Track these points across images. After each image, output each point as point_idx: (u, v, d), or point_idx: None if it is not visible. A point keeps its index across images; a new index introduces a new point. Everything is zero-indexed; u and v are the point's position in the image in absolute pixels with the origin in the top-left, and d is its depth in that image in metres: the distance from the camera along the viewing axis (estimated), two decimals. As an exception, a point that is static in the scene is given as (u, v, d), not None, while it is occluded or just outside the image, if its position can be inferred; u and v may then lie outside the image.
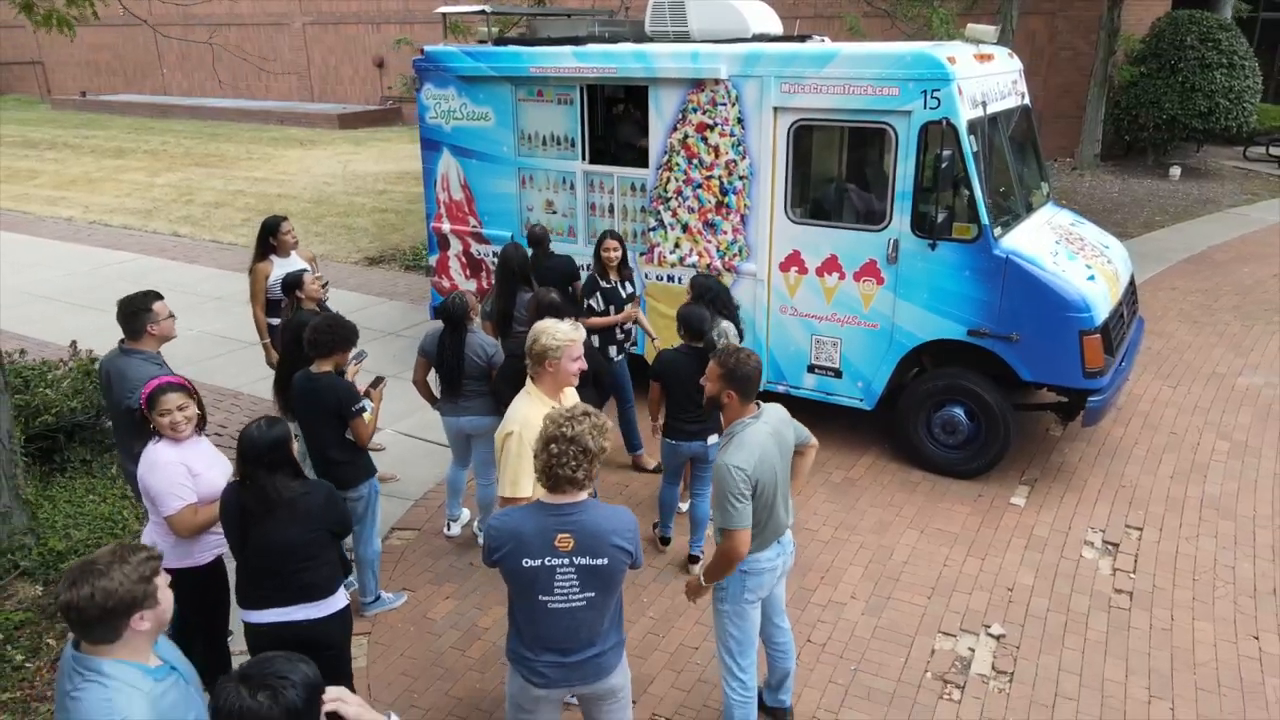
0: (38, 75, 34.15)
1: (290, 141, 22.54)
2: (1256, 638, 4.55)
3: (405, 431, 6.78)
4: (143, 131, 24.74)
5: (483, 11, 7.50)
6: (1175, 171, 16.64)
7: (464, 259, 7.79)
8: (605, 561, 2.80)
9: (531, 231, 6.45)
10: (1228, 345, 8.42)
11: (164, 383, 3.63)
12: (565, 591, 2.82)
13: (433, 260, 8.00)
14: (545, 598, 2.82)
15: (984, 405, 5.92)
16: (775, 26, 7.09)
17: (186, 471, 3.61)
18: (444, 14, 7.71)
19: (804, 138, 6.16)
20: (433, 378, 5.16)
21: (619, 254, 5.88)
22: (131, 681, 2.22)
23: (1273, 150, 18.12)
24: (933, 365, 6.24)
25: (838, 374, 6.36)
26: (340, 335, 4.38)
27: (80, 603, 2.15)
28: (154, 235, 13.62)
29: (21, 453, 5.03)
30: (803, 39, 6.81)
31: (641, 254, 6.87)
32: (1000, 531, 5.51)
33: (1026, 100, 6.90)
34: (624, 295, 5.92)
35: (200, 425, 3.77)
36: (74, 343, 6.91)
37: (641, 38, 7.22)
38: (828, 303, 6.25)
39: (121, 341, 4.26)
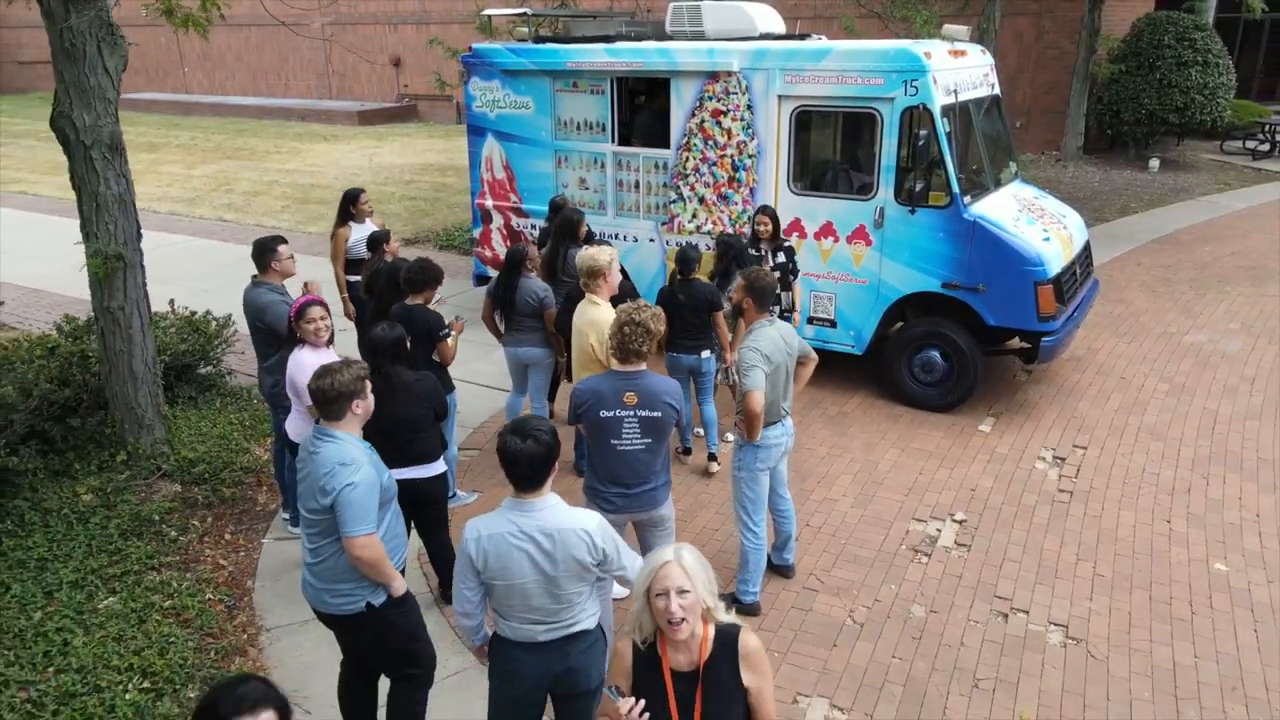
0: (62, 74, 35.13)
1: (314, 137, 23.60)
2: (1169, 522, 5.62)
3: (459, 377, 7.81)
4: (171, 128, 25.80)
5: (524, 13, 8.57)
6: (1154, 163, 17.67)
7: (505, 231, 8.86)
8: (660, 414, 3.88)
9: (552, 202, 7.50)
10: (1180, 310, 9.49)
11: (310, 300, 4.70)
12: (630, 437, 3.89)
13: (476, 233, 9.08)
14: (615, 441, 3.89)
15: (956, 348, 6.98)
16: (779, 26, 8.16)
17: None
18: (489, 15, 8.78)
19: (804, 121, 7.23)
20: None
21: (768, 228, 6.63)
22: (352, 441, 3.36)
23: (1248, 144, 19.18)
24: (913, 315, 7.30)
25: (833, 324, 7.42)
26: (431, 275, 5.45)
27: (325, 387, 3.29)
28: (201, 220, 14.69)
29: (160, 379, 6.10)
30: (802, 37, 7.89)
31: (663, 223, 7.95)
32: (968, 450, 6.57)
33: (996, 91, 7.97)
34: (770, 264, 6.58)
35: (330, 339, 4.84)
36: (172, 301, 7.96)
37: (662, 36, 8.29)
38: (824, 263, 7.31)
39: (254, 276, 5.34)
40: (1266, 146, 18.86)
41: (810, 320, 7.49)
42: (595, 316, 4.68)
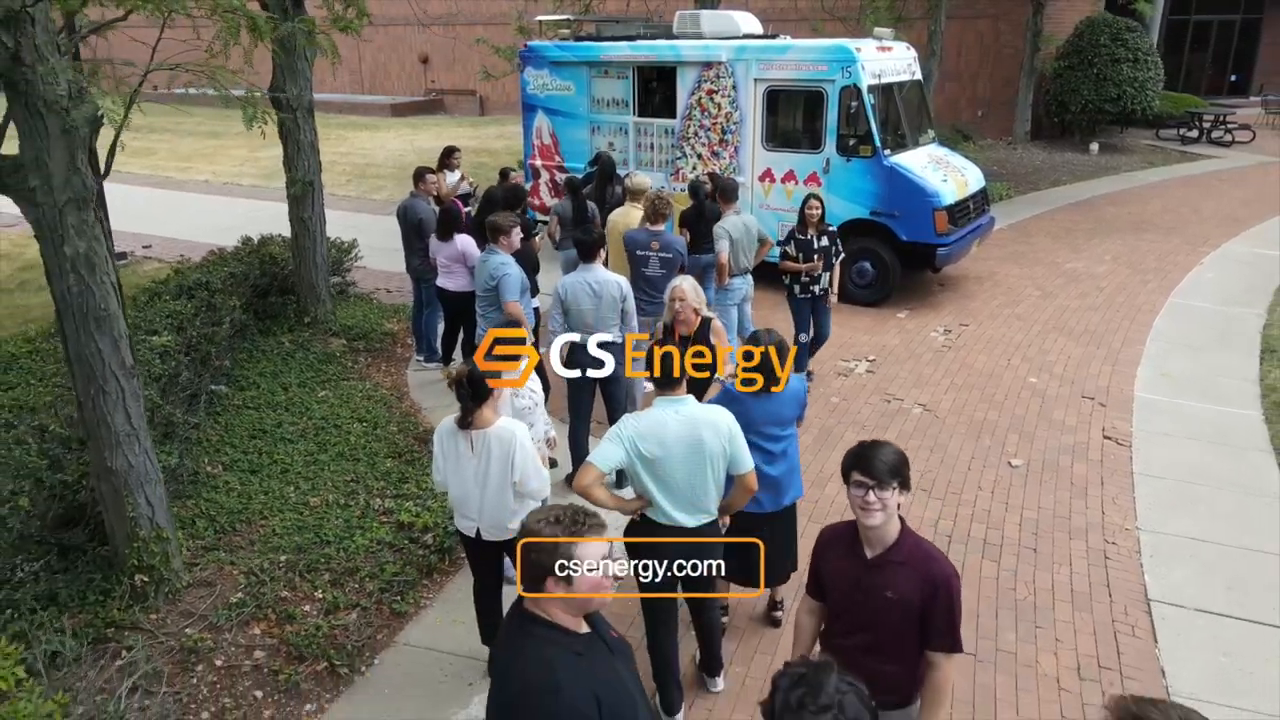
0: (109, 72, 37.97)
1: (355, 126, 26.40)
2: (1009, 360, 8.40)
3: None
4: (222, 119, 28.41)
5: (568, 18, 11.39)
6: (1094, 147, 20.41)
7: (550, 185, 11.66)
8: (671, 254, 6.67)
9: (597, 155, 10.28)
10: (1069, 249, 12.27)
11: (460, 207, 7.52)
12: (654, 267, 6.68)
13: (528, 186, 11.87)
14: (644, 269, 6.69)
15: (880, 259, 9.77)
16: (757, 27, 10.96)
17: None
18: (540, 21, 11.61)
19: (773, 97, 10.02)
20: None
21: (819, 212, 7.31)
22: (506, 255, 6.08)
23: (1181, 131, 21.93)
24: (851, 237, 10.08)
25: (794, 246, 10.18)
26: (523, 194, 8.24)
27: (493, 221, 6.06)
28: (283, 190, 17.44)
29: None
30: (773, 36, 10.69)
31: (670, 175, 10.74)
32: (886, 326, 9.36)
33: (918, 77, 10.75)
34: (815, 248, 7.40)
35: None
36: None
37: (670, 36, 11.09)
38: (788, 200, 10.07)
39: (411, 192, 8.15)
40: (1195, 134, 21.61)
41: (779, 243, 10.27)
42: (631, 211, 7.50)
